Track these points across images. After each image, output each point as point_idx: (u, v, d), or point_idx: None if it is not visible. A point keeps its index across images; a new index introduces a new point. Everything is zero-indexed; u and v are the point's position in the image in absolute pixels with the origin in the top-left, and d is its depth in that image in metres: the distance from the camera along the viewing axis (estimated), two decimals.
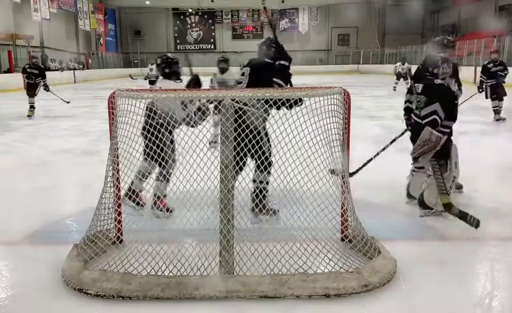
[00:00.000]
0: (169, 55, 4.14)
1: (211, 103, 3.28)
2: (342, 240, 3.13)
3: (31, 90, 11.01)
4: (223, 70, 6.51)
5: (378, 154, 4.34)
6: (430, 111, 3.57)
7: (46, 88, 11.24)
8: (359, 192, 3.51)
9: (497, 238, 3.37)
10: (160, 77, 4.08)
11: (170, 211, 3.66)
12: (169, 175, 3.39)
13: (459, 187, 4.28)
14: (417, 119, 3.78)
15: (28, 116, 10.82)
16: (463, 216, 3.49)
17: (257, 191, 3.46)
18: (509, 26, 23.61)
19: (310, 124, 2.88)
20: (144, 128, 3.15)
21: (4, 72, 22.52)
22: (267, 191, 3.52)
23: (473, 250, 3.24)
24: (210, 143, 5.44)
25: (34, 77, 10.96)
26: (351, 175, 4.10)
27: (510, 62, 10.98)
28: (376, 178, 4.57)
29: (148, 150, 3.09)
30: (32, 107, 10.99)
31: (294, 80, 3.64)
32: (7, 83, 18.92)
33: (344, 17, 37.44)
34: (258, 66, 3.75)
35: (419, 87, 3.76)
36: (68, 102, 12.17)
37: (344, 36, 40.31)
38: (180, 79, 4.06)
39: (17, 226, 3.66)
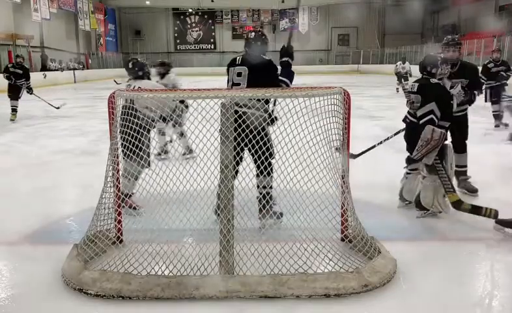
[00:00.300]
0: (138, 58, 4.45)
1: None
2: (342, 240, 3.13)
3: (13, 92, 10.18)
4: (162, 76, 6.06)
5: (381, 142, 4.35)
6: (427, 111, 3.58)
7: (30, 91, 10.35)
8: (359, 192, 3.50)
9: (497, 238, 3.36)
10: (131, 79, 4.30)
11: (134, 208, 3.67)
12: (139, 174, 3.40)
13: (474, 191, 4.27)
14: (412, 118, 3.79)
15: (11, 120, 10.10)
16: (477, 210, 3.50)
17: (261, 196, 3.32)
18: (509, 26, 23.61)
19: (310, 124, 2.88)
20: (126, 127, 3.11)
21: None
22: (270, 194, 3.38)
23: (473, 250, 3.24)
24: (159, 154, 5.41)
25: (15, 78, 10.14)
26: (354, 157, 4.06)
27: (510, 62, 10.92)
28: (376, 178, 4.57)
29: (126, 150, 3.08)
30: (14, 110, 10.20)
31: (295, 80, 3.60)
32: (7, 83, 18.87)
33: (344, 17, 37.43)
34: (258, 65, 3.45)
35: (415, 85, 3.77)
36: (57, 108, 10.88)
37: (344, 36, 40.31)
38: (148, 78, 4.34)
39: (17, 226, 3.66)
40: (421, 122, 3.59)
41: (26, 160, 6.40)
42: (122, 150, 3.12)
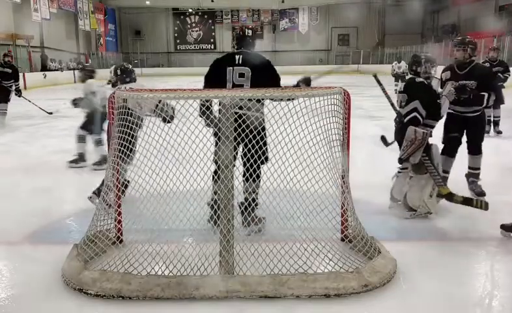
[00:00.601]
0: (125, 64, 4.78)
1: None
2: (342, 240, 3.13)
3: (1, 94, 9.28)
4: (82, 81, 5.86)
5: None
6: (411, 109, 3.62)
7: (18, 93, 9.47)
8: (359, 192, 3.50)
9: (497, 238, 3.36)
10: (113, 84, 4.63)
11: (110, 206, 3.52)
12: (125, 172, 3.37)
13: (481, 194, 4.19)
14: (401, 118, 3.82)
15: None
16: (469, 202, 3.53)
17: (248, 202, 3.16)
18: (509, 26, 23.59)
19: (310, 124, 2.88)
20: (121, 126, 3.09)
21: None
22: (256, 201, 3.22)
23: (473, 250, 3.24)
24: (70, 162, 5.52)
25: (2, 79, 9.23)
26: (388, 144, 4.00)
27: (510, 62, 10.74)
28: (376, 178, 4.57)
29: (121, 147, 3.06)
30: (3, 114, 9.38)
31: (294, 80, 3.58)
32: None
33: (344, 17, 37.35)
34: (260, 66, 3.35)
35: (402, 85, 3.84)
36: (50, 113, 10.22)
37: (344, 36, 40.27)
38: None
39: (17, 226, 3.66)
40: (405, 120, 3.63)
41: (26, 160, 6.40)
42: (118, 148, 3.08)
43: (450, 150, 4.22)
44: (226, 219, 2.68)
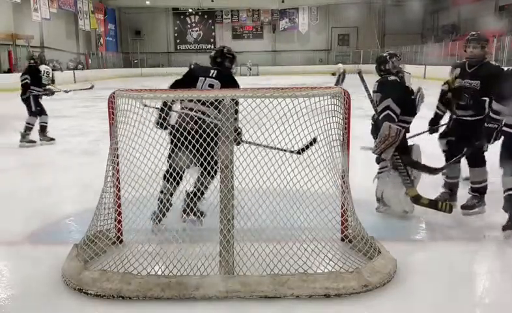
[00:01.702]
0: (197, 63, 5.14)
1: None
2: (342, 240, 3.13)
3: (39, 105, 7.67)
4: None
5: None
6: (383, 107, 3.63)
7: (48, 91, 7.86)
8: (359, 192, 3.50)
9: (497, 238, 3.36)
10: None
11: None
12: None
13: (464, 207, 3.89)
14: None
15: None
16: (434, 205, 3.55)
17: (192, 194, 3.24)
18: (509, 26, 23.58)
19: (310, 124, 2.88)
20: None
21: (4, 72, 22.48)
22: (203, 194, 3.33)
23: (473, 250, 3.25)
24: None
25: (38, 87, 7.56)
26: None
27: (510, 63, 10.61)
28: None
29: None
30: (44, 126, 7.81)
31: (295, 80, 3.58)
32: (7, 83, 18.84)
33: (344, 17, 37.39)
34: (230, 84, 3.48)
35: (376, 85, 3.85)
36: (91, 88, 9.97)
37: (344, 36, 40.29)
38: None
39: (17, 226, 3.66)
40: (380, 118, 3.64)
41: (26, 160, 6.40)
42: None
43: (451, 156, 3.94)
44: (226, 219, 2.68)
